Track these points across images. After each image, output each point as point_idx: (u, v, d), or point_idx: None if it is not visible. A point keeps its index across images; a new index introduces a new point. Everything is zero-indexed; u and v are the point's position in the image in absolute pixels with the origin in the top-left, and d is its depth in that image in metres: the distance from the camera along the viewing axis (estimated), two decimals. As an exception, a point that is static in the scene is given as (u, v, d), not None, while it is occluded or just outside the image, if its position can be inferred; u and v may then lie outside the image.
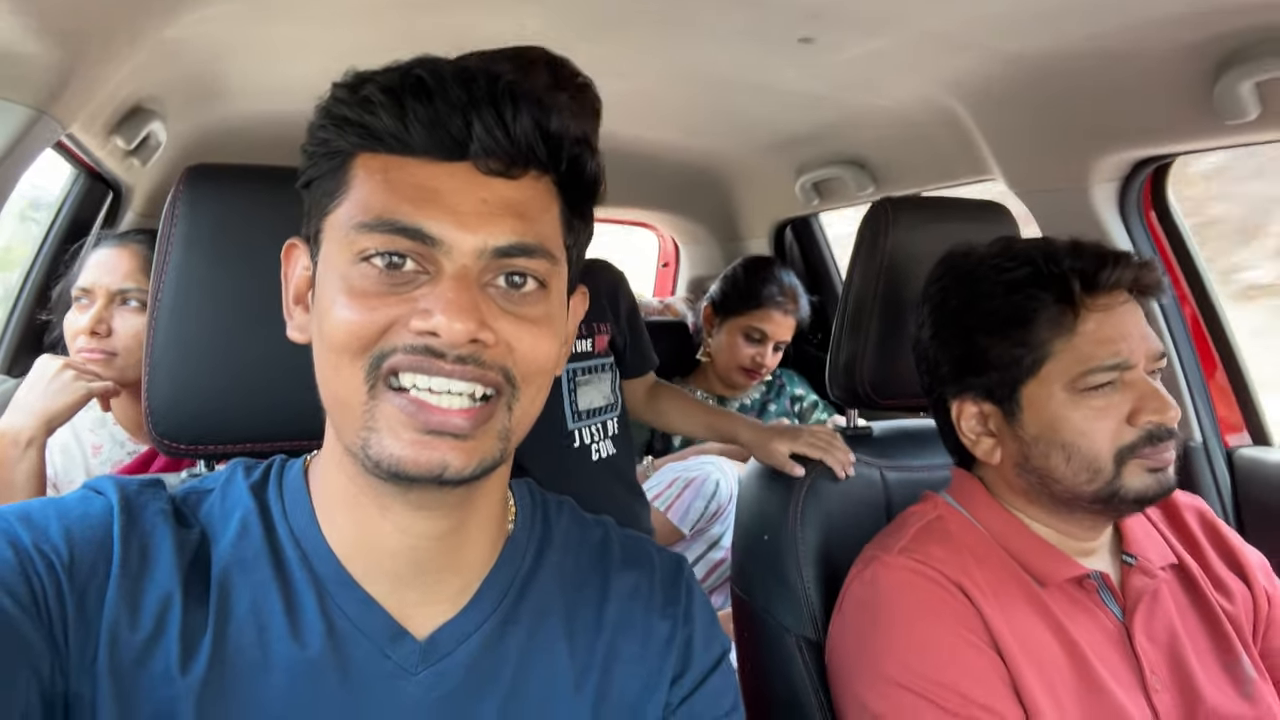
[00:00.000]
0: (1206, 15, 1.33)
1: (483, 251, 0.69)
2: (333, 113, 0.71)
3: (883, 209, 1.46)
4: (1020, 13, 1.45)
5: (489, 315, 0.69)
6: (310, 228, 0.75)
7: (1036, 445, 1.11)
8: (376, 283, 0.69)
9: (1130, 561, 1.16)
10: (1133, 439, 1.07)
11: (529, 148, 0.71)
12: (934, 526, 1.17)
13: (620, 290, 1.55)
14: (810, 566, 1.29)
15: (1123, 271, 1.09)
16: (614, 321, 1.50)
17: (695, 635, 0.87)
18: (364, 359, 0.69)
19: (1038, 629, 1.08)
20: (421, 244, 0.68)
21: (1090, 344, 1.08)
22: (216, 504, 0.79)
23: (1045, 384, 1.10)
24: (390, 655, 0.74)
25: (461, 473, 0.69)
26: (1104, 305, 1.09)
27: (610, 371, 1.49)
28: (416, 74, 0.68)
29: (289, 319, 0.80)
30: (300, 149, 0.75)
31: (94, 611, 0.68)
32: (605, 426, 1.46)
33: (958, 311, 1.18)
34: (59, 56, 1.20)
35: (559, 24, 1.64)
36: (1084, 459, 1.08)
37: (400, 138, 0.69)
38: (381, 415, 0.69)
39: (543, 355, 0.73)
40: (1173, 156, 1.72)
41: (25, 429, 1.40)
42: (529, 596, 0.82)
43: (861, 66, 1.80)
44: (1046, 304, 1.09)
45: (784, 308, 2.46)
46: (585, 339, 1.47)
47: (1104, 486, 1.08)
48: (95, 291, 1.61)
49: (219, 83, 2.02)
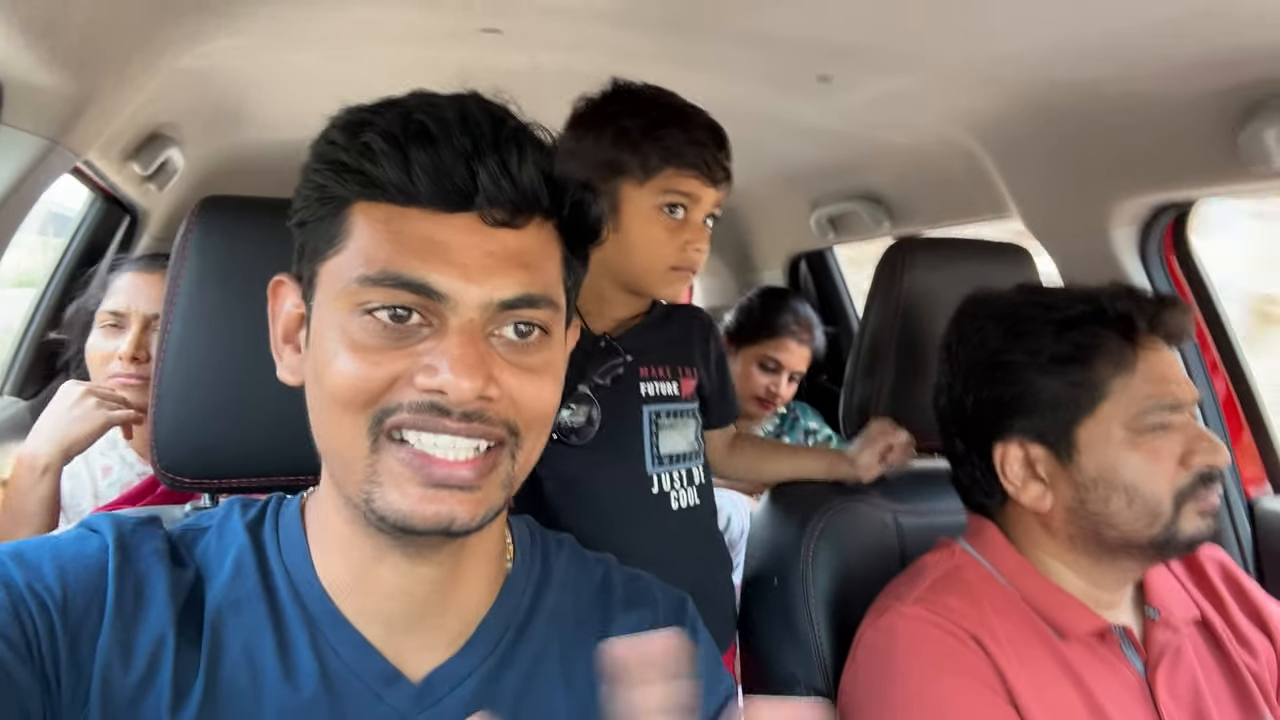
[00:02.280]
0: (1233, 60, 1.32)
1: (488, 305, 0.68)
2: (329, 157, 0.69)
3: (900, 249, 1.44)
4: (1042, 53, 1.44)
5: (494, 369, 0.68)
6: (305, 269, 0.74)
7: (1096, 489, 1.08)
8: (379, 336, 0.67)
9: (1153, 615, 1.13)
10: (1187, 482, 1.05)
11: (534, 195, 0.69)
12: (952, 576, 1.14)
13: (712, 337, 1.50)
14: (821, 613, 1.27)
15: (1182, 316, 1.10)
16: (703, 368, 1.46)
17: (700, 679, 0.85)
18: (366, 413, 0.67)
19: (1058, 684, 1.05)
20: (426, 298, 0.67)
21: (1149, 383, 1.06)
22: (213, 542, 0.77)
23: (1103, 423, 1.07)
24: (384, 698, 0.73)
25: (468, 525, 0.68)
26: (1155, 347, 1.09)
27: (695, 418, 1.43)
28: (418, 119, 0.66)
29: (278, 359, 0.78)
30: (296, 191, 0.74)
31: (87, 653, 0.67)
32: (689, 474, 1.40)
33: (999, 351, 1.15)
34: (73, 87, 1.20)
35: (576, 59, 1.64)
36: (1146, 502, 1.05)
37: (403, 188, 0.67)
38: (384, 470, 0.67)
39: (545, 404, 0.72)
40: (1194, 201, 1.70)
41: (42, 455, 1.39)
42: (526, 638, 0.80)
43: (880, 104, 1.80)
44: (1108, 341, 1.08)
45: (799, 337, 2.45)
46: (670, 381, 1.41)
47: (1162, 531, 1.05)
48: (130, 315, 1.60)
49: (236, 110, 2.03)
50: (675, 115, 1.31)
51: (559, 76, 1.32)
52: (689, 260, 1.32)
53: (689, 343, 1.46)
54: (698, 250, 1.32)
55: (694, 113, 1.33)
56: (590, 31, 1.54)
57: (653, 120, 1.30)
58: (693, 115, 1.32)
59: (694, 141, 1.29)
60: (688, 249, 1.31)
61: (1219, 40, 1.27)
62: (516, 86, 0.75)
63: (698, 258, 1.33)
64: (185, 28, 1.35)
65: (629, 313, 1.41)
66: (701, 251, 1.33)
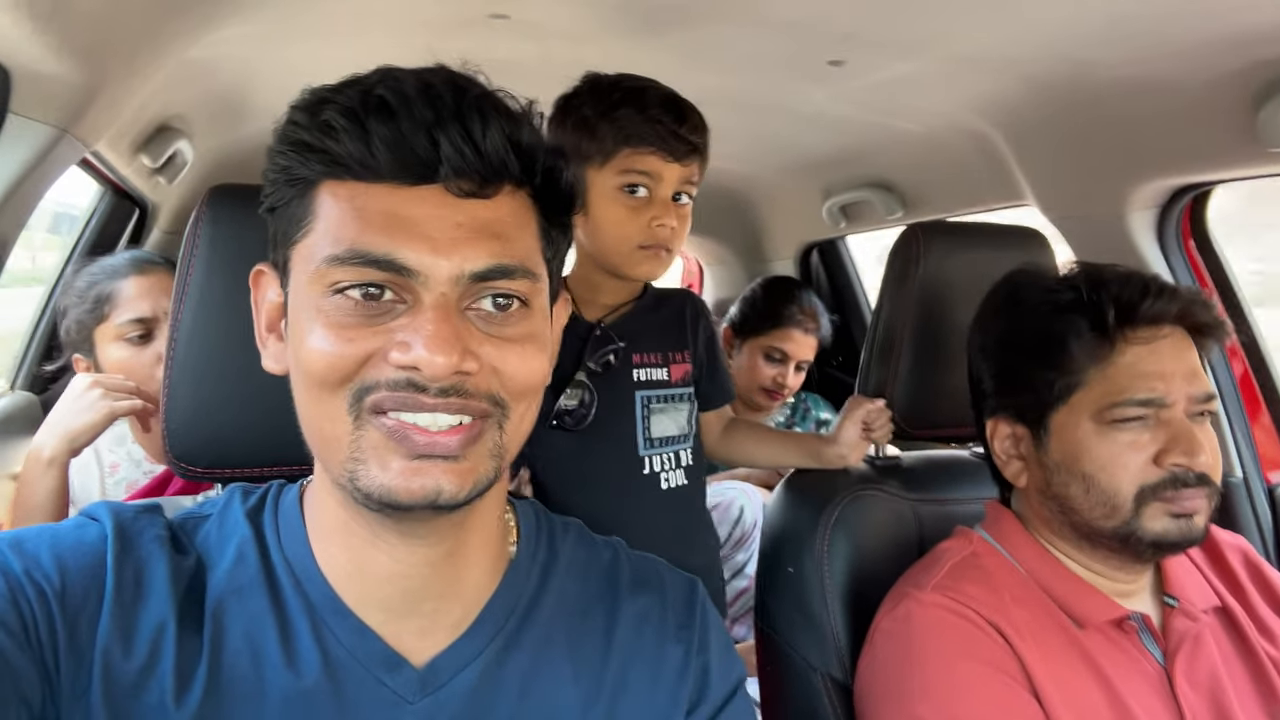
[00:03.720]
0: (1250, 41, 1.30)
1: (460, 278, 0.66)
2: (291, 138, 0.68)
3: (914, 235, 1.43)
4: (1056, 36, 1.42)
5: (471, 342, 0.67)
6: (277, 255, 0.73)
7: (1058, 473, 1.09)
8: (353, 314, 0.66)
9: (1172, 603, 1.12)
10: (1156, 480, 1.03)
11: (501, 163, 0.68)
12: (969, 563, 1.14)
13: (702, 319, 1.52)
14: (837, 601, 1.26)
15: (1166, 304, 1.06)
16: (693, 351, 1.48)
17: (711, 662, 0.84)
18: (345, 391, 0.66)
19: (1076, 673, 1.04)
20: (396, 274, 0.66)
21: (1126, 376, 1.05)
22: (214, 530, 0.77)
23: (1074, 412, 1.08)
24: (387, 684, 0.73)
25: (456, 497, 0.67)
26: (1145, 338, 1.06)
27: (689, 403, 1.46)
28: (378, 93, 0.65)
29: (263, 348, 0.78)
30: (262, 175, 0.73)
31: (86, 640, 0.67)
32: (677, 456, 1.44)
33: (1003, 331, 1.17)
34: (82, 75, 1.20)
35: (585, 46, 1.63)
36: (1102, 493, 1.05)
37: (365, 163, 0.66)
38: (368, 444, 0.66)
39: (531, 373, 0.71)
40: (1212, 184, 1.68)
41: (48, 447, 1.39)
42: (532, 622, 0.80)
43: (892, 90, 1.78)
44: (1082, 331, 1.07)
45: (804, 326, 2.44)
46: (661, 367, 1.44)
47: (1121, 525, 1.05)
48: (161, 318, 1.60)
49: (245, 102, 2.03)
50: (631, 95, 1.31)
51: (568, 64, 1.31)
52: (656, 237, 1.32)
53: (681, 327, 1.48)
54: (661, 226, 1.31)
55: (652, 89, 1.32)
56: (599, 17, 1.53)
57: (609, 103, 1.30)
58: (648, 92, 1.31)
59: (650, 119, 1.29)
60: (653, 226, 1.31)
61: (1236, 18, 1.26)
62: (525, 74, 0.74)
63: (665, 234, 1.32)
64: (192, 17, 1.35)
65: (620, 299, 1.43)
66: (669, 228, 1.32)
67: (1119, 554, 1.09)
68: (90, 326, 1.63)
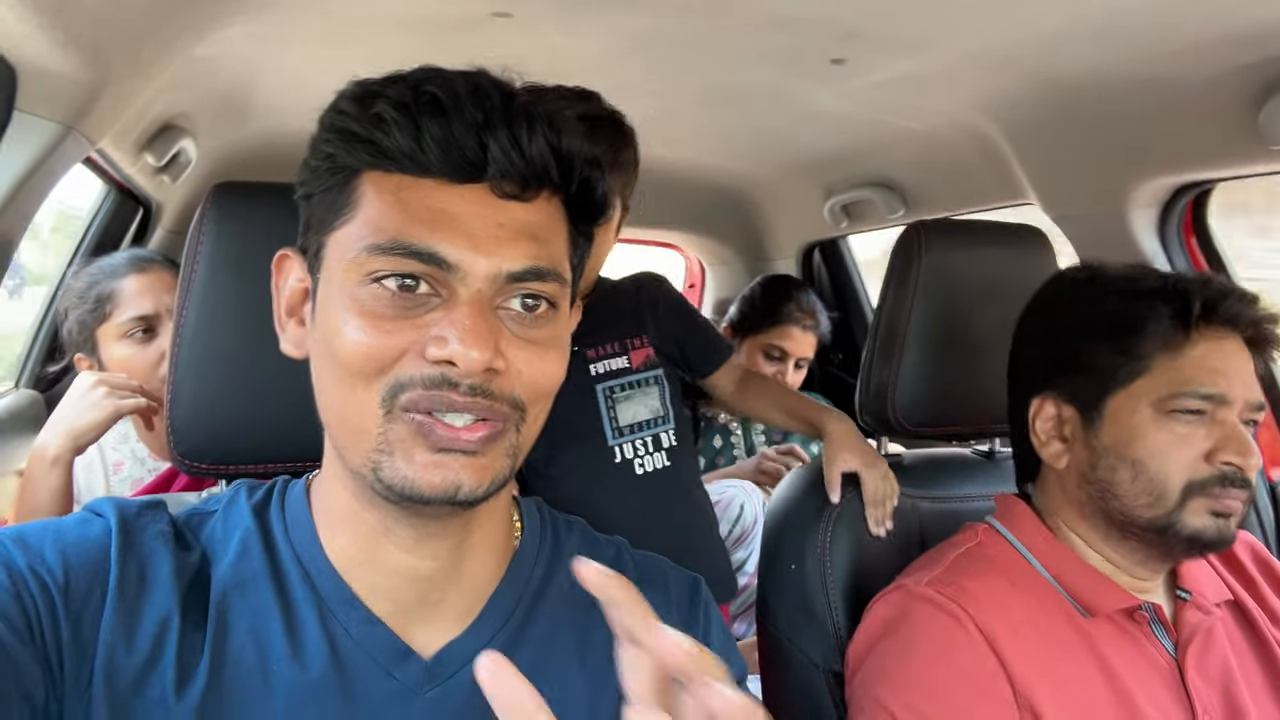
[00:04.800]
0: (1252, 38, 1.30)
1: (497, 276, 0.67)
2: (339, 127, 0.69)
3: (916, 233, 1.43)
4: (1058, 34, 1.42)
5: (502, 341, 0.68)
6: (310, 242, 0.74)
7: (1106, 456, 1.09)
8: (389, 305, 0.67)
9: (1185, 596, 1.12)
10: (1205, 476, 1.04)
11: (543, 169, 0.69)
12: (973, 554, 1.14)
13: (660, 295, 1.52)
14: (839, 598, 1.26)
15: (1245, 308, 1.07)
16: (654, 330, 1.48)
17: None
18: (379, 383, 0.67)
19: (1079, 665, 1.04)
20: (435, 268, 0.67)
21: (1194, 368, 1.05)
22: (218, 526, 0.78)
23: (1134, 397, 1.08)
24: (395, 675, 0.73)
25: (475, 492, 0.68)
26: (1216, 336, 1.07)
27: (658, 385, 1.47)
28: (430, 90, 0.66)
29: (281, 331, 0.78)
30: (303, 164, 0.74)
31: (90, 635, 0.67)
32: (656, 440, 1.45)
33: (1064, 316, 1.17)
34: (87, 72, 1.20)
35: (588, 44, 1.63)
36: (1150, 481, 1.05)
37: (414, 158, 0.67)
38: (395, 437, 0.67)
39: (551, 377, 0.72)
40: (1214, 182, 1.68)
41: (52, 446, 1.39)
42: (538, 616, 0.80)
43: (894, 88, 1.78)
44: (1162, 316, 1.07)
45: (802, 324, 2.44)
46: (619, 356, 1.45)
47: (1162, 515, 1.05)
48: (164, 315, 1.61)
49: (249, 101, 2.03)
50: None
51: (571, 60, 1.31)
52: None
53: (634, 311, 1.48)
54: None
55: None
56: (602, 15, 1.53)
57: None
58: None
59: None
60: None
61: (1238, 16, 1.26)
62: (528, 71, 0.75)
63: None
64: (197, 15, 1.35)
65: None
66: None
67: (1151, 546, 1.09)
68: (92, 326, 1.63)
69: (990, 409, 1.38)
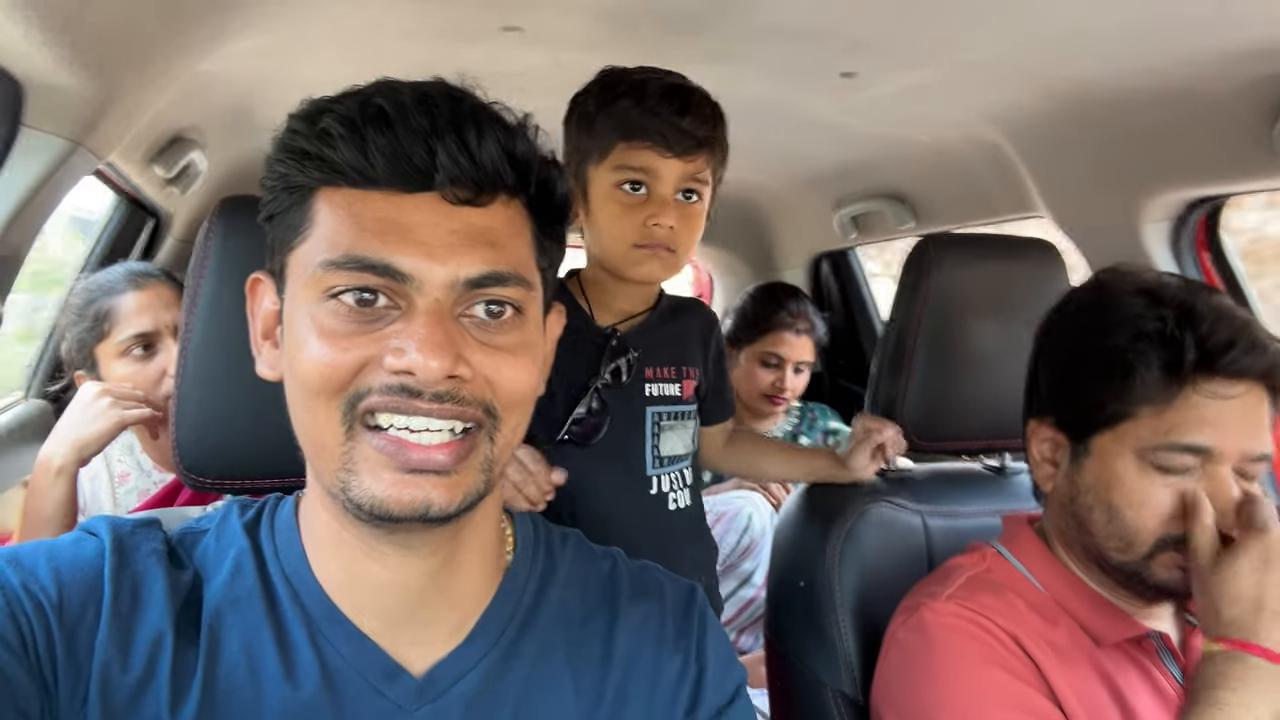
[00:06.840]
0: (1266, 52, 1.29)
1: (454, 284, 0.67)
2: (290, 146, 0.69)
3: (927, 246, 1.42)
4: (1070, 46, 1.41)
5: (465, 349, 0.67)
6: (274, 263, 0.74)
7: (1085, 494, 1.07)
8: (347, 320, 0.67)
9: (1194, 622, 1.10)
10: (1180, 534, 1.00)
11: (496, 173, 0.69)
12: (982, 578, 1.12)
13: (714, 333, 1.46)
14: (848, 616, 1.25)
15: (1253, 359, 0.99)
16: (703, 365, 1.43)
17: (708, 670, 0.84)
18: (339, 399, 0.67)
19: (1096, 690, 1.03)
20: (391, 279, 0.66)
21: (1180, 419, 0.99)
22: (211, 544, 0.78)
23: (1120, 440, 1.03)
24: (386, 694, 0.73)
25: (446, 510, 0.68)
26: (1215, 387, 0.99)
27: (694, 420, 1.41)
28: (376, 102, 0.66)
29: (257, 355, 0.78)
30: (259, 183, 0.74)
31: (84, 653, 0.67)
32: (683, 476, 1.39)
33: (1073, 335, 1.12)
34: (93, 88, 1.20)
35: (597, 56, 1.63)
36: (1123, 527, 1.03)
37: (362, 170, 0.67)
38: (360, 456, 0.67)
39: (523, 384, 0.72)
40: (1227, 196, 1.66)
41: (56, 457, 1.39)
42: (531, 632, 0.80)
43: (904, 100, 1.78)
44: (1151, 365, 1.01)
45: (794, 328, 2.43)
46: (674, 383, 1.38)
47: (1130, 563, 1.03)
48: (163, 331, 1.60)
49: (257, 113, 2.04)
50: (632, 87, 1.24)
51: (580, 74, 1.31)
52: (653, 237, 1.25)
53: (693, 340, 1.43)
54: (658, 225, 1.24)
55: (655, 80, 1.25)
56: (610, 30, 1.53)
57: (609, 96, 1.25)
58: (649, 83, 1.24)
59: (647, 110, 1.21)
60: (649, 225, 1.24)
61: (1252, 29, 1.25)
62: (538, 86, 0.75)
63: (662, 234, 1.24)
64: (203, 30, 1.36)
65: (634, 306, 1.36)
66: (665, 227, 1.24)
67: (1121, 586, 1.08)
68: (91, 344, 1.62)
69: (1000, 423, 1.37)
